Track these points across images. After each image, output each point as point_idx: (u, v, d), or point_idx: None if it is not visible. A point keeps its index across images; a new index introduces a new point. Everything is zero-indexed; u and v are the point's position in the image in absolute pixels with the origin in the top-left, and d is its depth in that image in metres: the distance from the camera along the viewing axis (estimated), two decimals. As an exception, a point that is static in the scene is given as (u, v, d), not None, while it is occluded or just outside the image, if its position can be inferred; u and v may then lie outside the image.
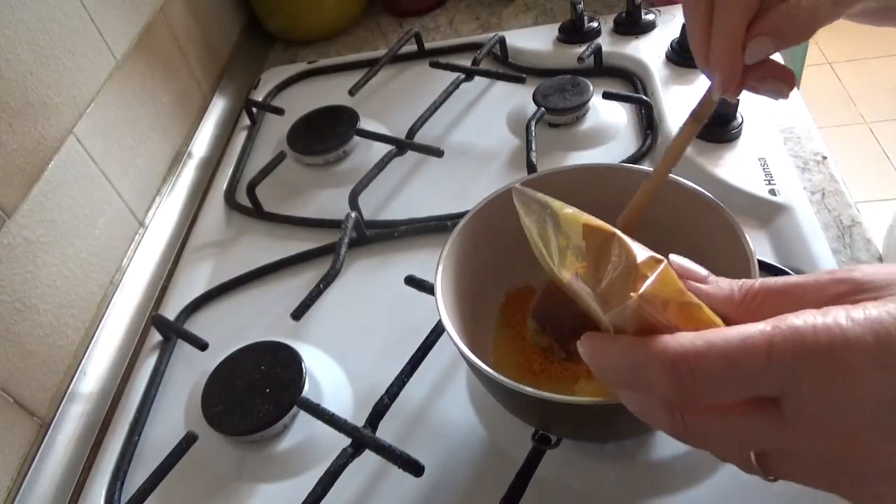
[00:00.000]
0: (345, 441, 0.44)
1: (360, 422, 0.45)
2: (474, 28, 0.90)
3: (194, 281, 0.64)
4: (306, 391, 0.49)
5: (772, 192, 0.56)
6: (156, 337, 0.59)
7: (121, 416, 0.53)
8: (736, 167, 0.58)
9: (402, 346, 0.49)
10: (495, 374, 0.36)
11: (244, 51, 0.94)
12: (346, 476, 0.43)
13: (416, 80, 0.82)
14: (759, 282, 0.28)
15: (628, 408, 0.29)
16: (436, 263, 0.42)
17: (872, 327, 0.23)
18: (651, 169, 0.42)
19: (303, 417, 0.49)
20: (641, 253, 0.28)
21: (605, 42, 0.76)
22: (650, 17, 0.77)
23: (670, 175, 0.43)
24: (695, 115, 0.38)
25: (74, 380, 0.54)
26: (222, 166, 0.77)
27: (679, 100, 0.66)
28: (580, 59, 0.72)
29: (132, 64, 0.68)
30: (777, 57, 0.74)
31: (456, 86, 0.74)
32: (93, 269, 0.59)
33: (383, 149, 0.68)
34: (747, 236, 0.39)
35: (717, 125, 0.60)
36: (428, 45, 0.85)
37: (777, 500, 0.41)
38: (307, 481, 0.44)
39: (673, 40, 0.72)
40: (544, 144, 0.66)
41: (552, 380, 0.43)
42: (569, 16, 0.78)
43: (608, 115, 0.69)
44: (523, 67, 0.78)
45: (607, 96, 0.68)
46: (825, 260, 0.50)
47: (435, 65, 0.77)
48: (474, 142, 0.71)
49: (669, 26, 0.76)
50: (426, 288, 0.52)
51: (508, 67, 0.79)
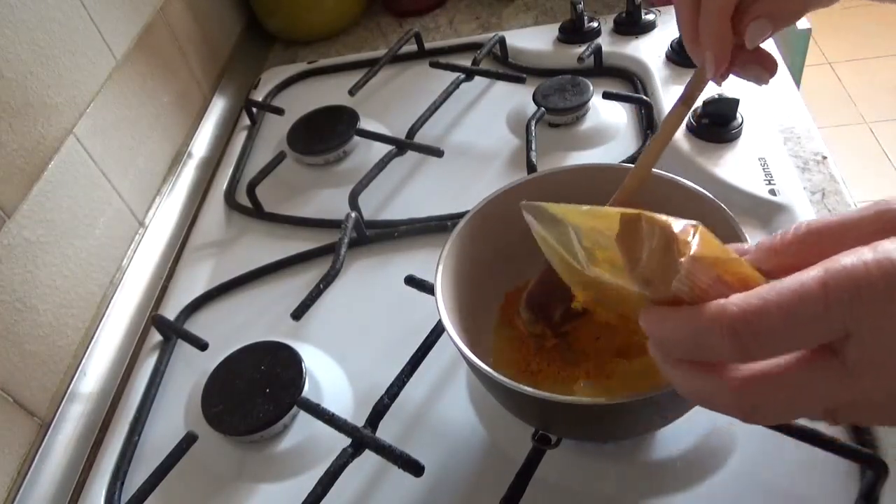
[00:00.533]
0: (345, 441, 0.44)
1: (360, 422, 0.45)
2: (474, 28, 0.90)
3: (194, 281, 0.64)
4: (306, 391, 0.49)
5: (772, 192, 0.56)
6: (156, 337, 0.59)
7: (121, 416, 0.53)
8: (736, 167, 0.58)
9: (402, 346, 0.49)
10: (495, 374, 0.36)
11: (244, 51, 0.94)
12: (346, 476, 0.43)
13: (416, 80, 0.82)
14: (793, 227, 0.28)
15: (684, 391, 0.28)
16: (436, 263, 0.42)
17: None
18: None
19: (303, 417, 0.49)
20: (676, 222, 0.27)
21: (605, 42, 0.76)
22: (650, 17, 0.77)
23: (670, 175, 0.43)
24: (684, 99, 0.39)
25: (74, 380, 0.54)
26: (222, 166, 0.77)
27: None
28: (580, 59, 0.72)
29: (132, 64, 0.68)
30: (777, 57, 0.74)
31: (456, 86, 0.74)
32: (93, 269, 0.59)
33: (383, 149, 0.68)
34: (747, 236, 0.39)
35: (717, 125, 0.60)
36: (428, 45, 0.85)
37: (776, 498, 0.41)
38: (307, 481, 0.44)
39: (673, 40, 0.72)
40: (544, 144, 0.66)
41: (551, 380, 0.43)
42: (569, 16, 0.78)
43: (608, 115, 0.69)
44: (523, 67, 0.78)
45: (607, 96, 0.68)
46: (825, 260, 0.50)
47: (435, 65, 0.77)
48: (474, 142, 0.71)
49: (669, 26, 0.76)
50: (426, 288, 0.52)
51: (508, 67, 0.79)
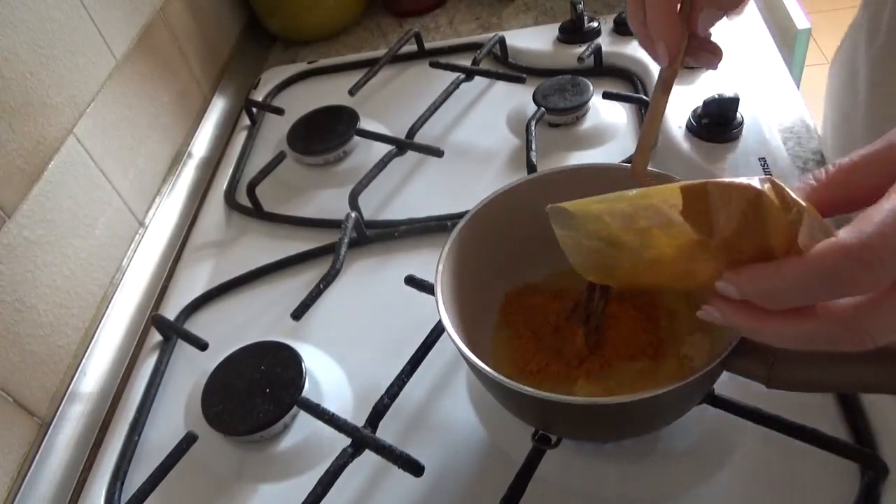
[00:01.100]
0: (345, 441, 0.44)
1: (360, 422, 0.45)
2: (474, 28, 0.90)
3: (194, 281, 0.64)
4: (306, 391, 0.49)
5: (772, 192, 0.56)
6: (156, 337, 0.59)
7: (121, 416, 0.53)
8: (736, 167, 0.58)
9: (402, 346, 0.49)
10: (495, 374, 0.36)
11: (244, 51, 0.94)
12: (346, 476, 0.43)
13: (416, 80, 0.82)
14: (823, 170, 0.28)
15: (796, 338, 0.28)
16: (436, 263, 0.42)
17: None
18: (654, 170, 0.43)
19: (303, 417, 0.49)
20: (754, 181, 0.27)
21: (605, 42, 0.75)
22: (650, 17, 0.77)
23: (670, 175, 0.43)
24: (662, 85, 0.41)
25: (74, 380, 0.54)
26: (222, 166, 0.77)
27: (679, 100, 0.66)
28: (580, 59, 0.72)
29: (132, 64, 0.68)
30: (777, 54, 0.74)
31: (456, 86, 0.74)
32: (93, 269, 0.59)
33: (383, 149, 0.68)
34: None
35: (717, 125, 0.60)
36: (428, 45, 0.84)
37: (776, 498, 0.41)
38: (307, 481, 0.44)
39: (673, 40, 0.72)
40: (544, 144, 0.66)
41: (550, 380, 0.43)
42: (569, 16, 0.78)
43: (608, 115, 0.69)
44: (523, 67, 0.78)
45: (607, 96, 0.68)
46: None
47: (435, 65, 0.77)
48: (474, 142, 0.71)
49: (669, 26, 0.76)
50: (426, 288, 0.52)
51: (508, 67, 0.79)
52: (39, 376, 0.51)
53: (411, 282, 0.53)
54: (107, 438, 0.52)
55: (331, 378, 0.52)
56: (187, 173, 0.75)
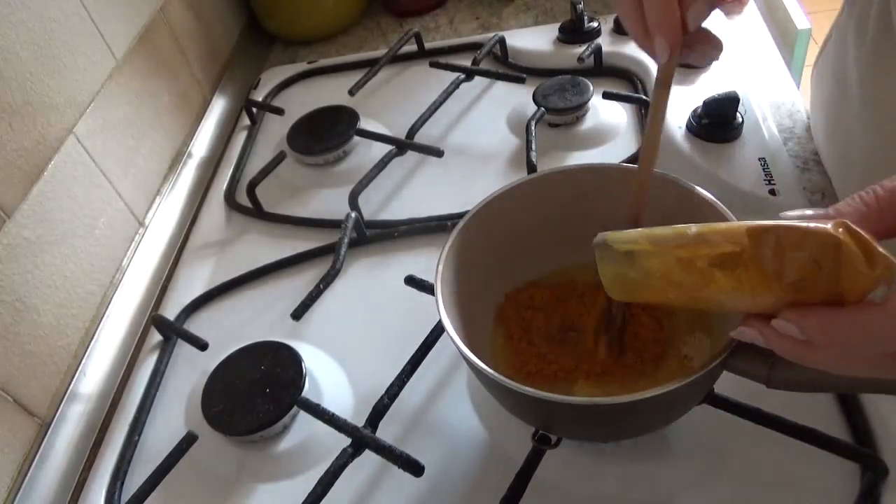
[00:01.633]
0: (345, 441, 0.44)
1: (360, 422, 0.45)
2: (474, 28, 0.90)
3: (194, 281, 0.64)
4: (306, 391, 0.49)
5: (772, 192, 0.56)
6: (156, 337, 0.59)
7: (121, 416, 0.53)
8: (736, 167, 0.58)
9: (402, 346, 0.49)
10: (495, 374, 0.36)
11: (244, 51, 0.94)
12: (346, 476, 0.43)
13: (416, 80, 0.82)
14: (885, 186, 0.28)
15: (845, 370, 0.28)
16: (436, 263, 0.42)
17: None
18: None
19: (303, 417, 0.49)
20: (829, 226, 0.26)
21: (605, 42, 0.75)
22: (650, 17, 0.77)
23: (670, 175, 0.43)
24: (662, 82, 0.40)
25: (74, 380, 0.54)
26: (222, 166, 0.77)
27: (679, 100, 0.66)
28: (580, 59, 0.72)
29: (132, 64, 0.68)
30: (777, 54, 0.74)
31: (456, 86, 0.74)
32: (93, 269, 0.59)
33: (383, 149, 0.68)
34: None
35: (717, 125, 0.60)
36: (428, 45, 0.85)
37: (776, 498, 0.41)
38: (307, 481, 0.44)
39: (673, 40, 0.72)
40: (544, 144, 0.66)
41: (548, 380, 0.43)
42: (569, 16, 0.78)
43: (608, 115, 0.69)
44: (523, 67, 0.78)
45: (607, 96, 0.68)
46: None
47: (435, 65, 0.77)
48: (474, 142, 0.71)
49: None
50: (426, 288, 0.52)
51: (508, 67, 0.79)
52: (39, 376, 0.51)
53: (411, 282, 0.53)
54: (107, 438, 0.52)
55: (331, 378, 0.52)
56: (187, 173, 0.75)
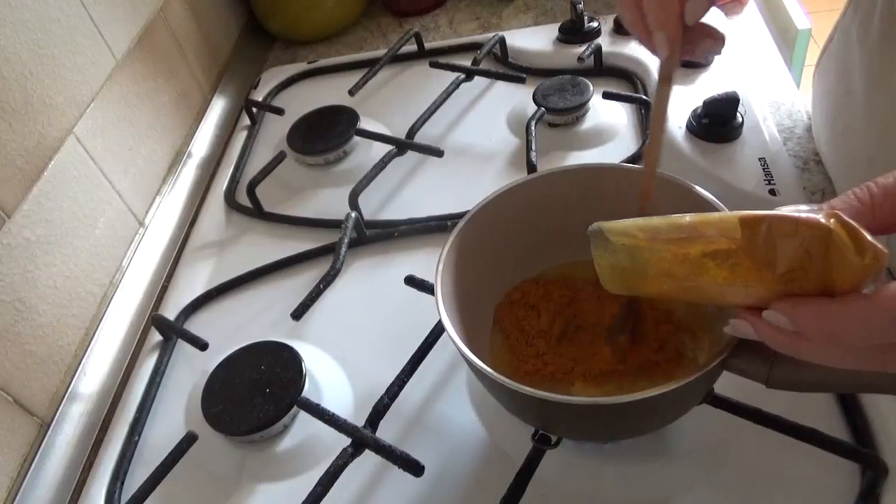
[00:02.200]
0: (345, 441, 0.44)
1: (360, 422, 0.45)
2: (474, 28, 0.90)
3: (194, 281, 0.64)
4: (306, 391, 0.49)
5: (772, 192, 0.56)
6: (156, 337, 0.59)
7: (121, 416, 0.53)
8: (736, 167, 0.58)
9: (402, 346, 0.49)
10: (495, 374, 0.36)
11: (244, 51, 0.94)
12: (346, 476, 0.43)
13: (416, 80, 0.82)
14: (866, 189, 0.28)
15: (838, 362, 0.27)
16: (436, 263, 0.42)
17: None
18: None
19: (303, 417, 0.49)
20: (820, 216, 0.26)
21: (605, 42, 0.75)
22: (650, 17, 0.77)
23: (669, 175, 0.43)
24: (664, 77, 0.40)
25: (74, 380, 0.54)
26: (222, 166, 0.77)
27: (679, 99, 0.66)
28: (580, 59, 0.72)
29: (132, 64, 0.68)
30: (777, 54, 0.74)
31: (456, 86, 0.74)
32: (93, 269, 0.59)
33: (383, 149, 0.68)
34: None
35: (717, 125, 0.60)
36: (428, 45, 0.85)
37: (776, 498, 0.41)
38: (307, 481, 0.44)
39: (673, 40, 0.72)
40: (544, 144, 0.66)
41: (547, 380, 0.43)
42: (569, 16, 0.78)
43: (608, 115, 0.69)
44: (523, 67, 0.78)
45: (607, 96, 0.68)
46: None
47: (435, 65, 0.77)
48: (474, 142, 0.71)
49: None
50: (426, 288, 0.52)
51: (508, 67, 0.79)
52: (39, 376, 0.51)
53: (411, 282, 0.53)
54: (107, 438, 0.52)
55: (331, 378, 0.52)
56: (187, 173, 0.75)
